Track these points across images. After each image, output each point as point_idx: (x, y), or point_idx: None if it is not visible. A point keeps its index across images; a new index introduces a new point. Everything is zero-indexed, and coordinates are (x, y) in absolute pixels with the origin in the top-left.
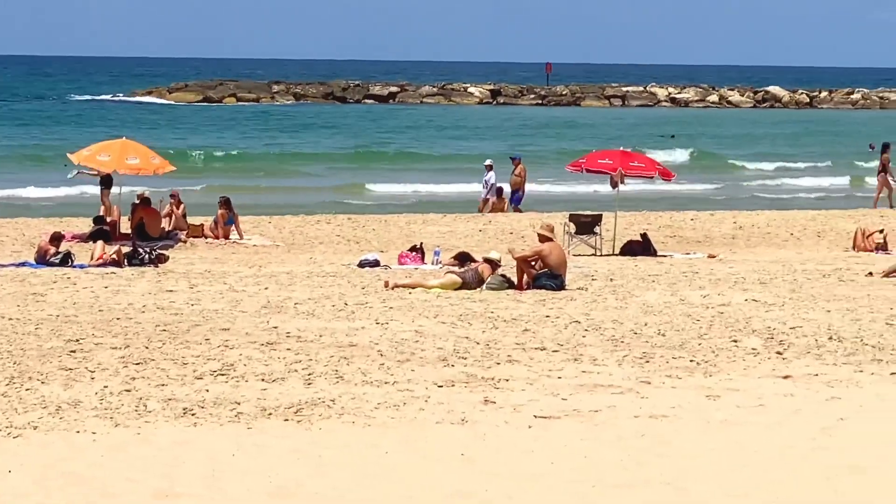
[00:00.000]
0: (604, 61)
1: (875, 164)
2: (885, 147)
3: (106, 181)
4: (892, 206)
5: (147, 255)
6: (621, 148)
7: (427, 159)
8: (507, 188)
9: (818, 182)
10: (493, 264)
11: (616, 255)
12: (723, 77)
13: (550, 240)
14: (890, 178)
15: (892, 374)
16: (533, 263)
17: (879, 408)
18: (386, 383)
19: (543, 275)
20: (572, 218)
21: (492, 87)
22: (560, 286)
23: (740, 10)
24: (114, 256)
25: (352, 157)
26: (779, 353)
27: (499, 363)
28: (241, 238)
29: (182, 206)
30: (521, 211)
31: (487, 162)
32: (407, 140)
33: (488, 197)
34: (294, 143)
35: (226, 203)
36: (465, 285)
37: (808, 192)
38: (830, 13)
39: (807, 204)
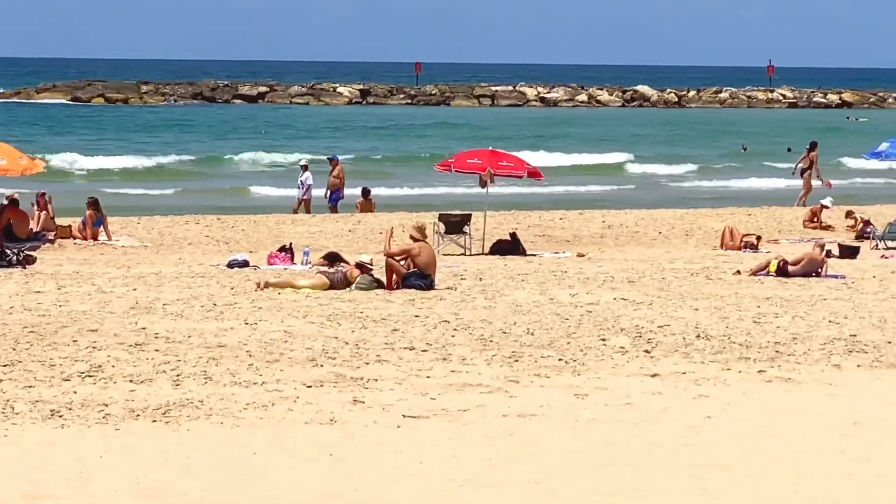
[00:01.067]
0: (473, 61)
1: (790, 165)
2: (813, 146)
3: None
4: (804, 205)
5: (15, 257)
6: (490, 148)
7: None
8: (347, 191)
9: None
10: (364, 268)
11: (485, 254)
12: (591, 76)
13: (421, 240)
14: (813, 179)
15: (760, 371)
16: (402, 262)
17: (746, 405)
18: (255, 384)
19: (413, 274)
20: (442, 218)
21: (361, 86)
22: (429, 286)
23: (608, 10)
24: None
25: (236, 162)
26: (647, 351)
27: (368, 363)
28: (110, 239)
29: (50, 206)
30: (337, 211)
31: (303, 162)
32: (285, 140)
33: (304, 197)
34: (168, 145)
35: (94, 204)
36: (332, 286)
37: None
38: (697, 12)
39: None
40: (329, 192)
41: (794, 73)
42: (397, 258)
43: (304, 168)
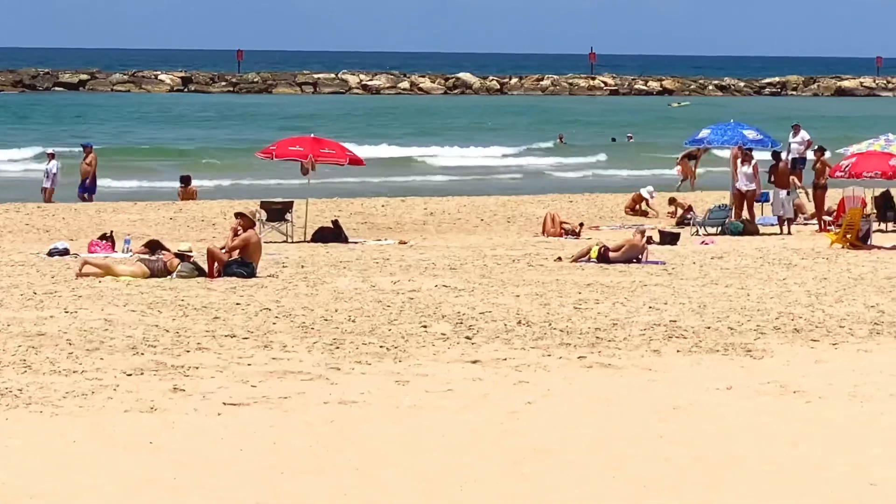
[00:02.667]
0: (296, 48)
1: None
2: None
3: None
4: (691, 189)
5: None
6: (312, 135)
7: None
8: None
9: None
10: (184, 256)
11: (308, 241)
12: (414, 63)
13: (251, 227)
14: (694, 166)
15: (580, 357)
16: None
17: (566, 391)
18: (74, 372)
19: (234, 262)
20: (264, 205)
21: (183, 74)
22: (251, 274)
23: None
24: None
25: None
26: (468, 337)
27: (188, 351)
28: None
29: None
30: (87, 200)
31: (49, 151)
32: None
33: (50, 186)
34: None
35: None
36: (153, 274)
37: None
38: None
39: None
40: (82, 179)
41: (616, 60)
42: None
43: (51, 157)
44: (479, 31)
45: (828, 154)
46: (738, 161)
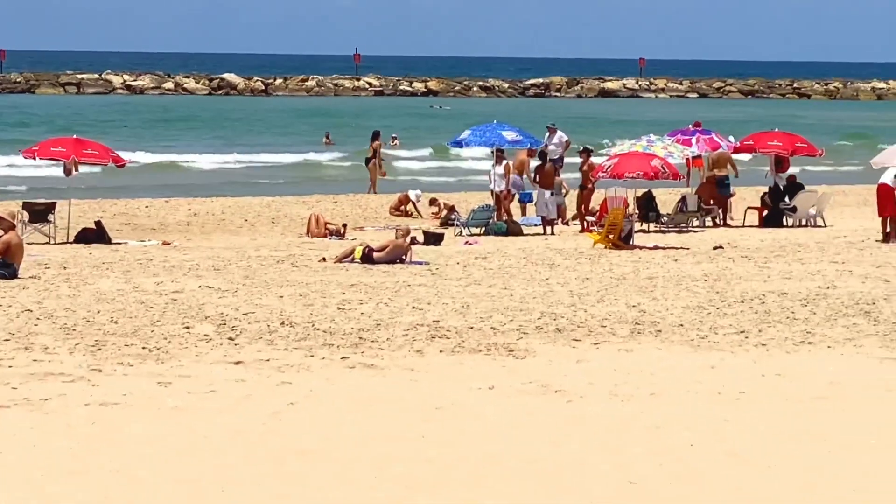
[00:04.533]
0: (60, 48)
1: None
2: (375, 135)
3: None
4: (374, 192)
5: None
6: (74, 136)
7: None
8: None
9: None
10: None
11: (70, 243)
12: (179, 64)
13: (12, 228)
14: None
15: (343, 358)
16: None
17: (329, 392)
18: None
19: None
20: (26, 206)
21: None
22: (13, 275)
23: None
24: None
25: None
26: (231, 338)
27: None
28: None
29: None
30: None
31: None
32: None
33: None
34: None
35: None
36: None
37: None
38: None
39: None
40: None
41: (380, 61)
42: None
43: None
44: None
45: (594, 158)
46: (493, 162)
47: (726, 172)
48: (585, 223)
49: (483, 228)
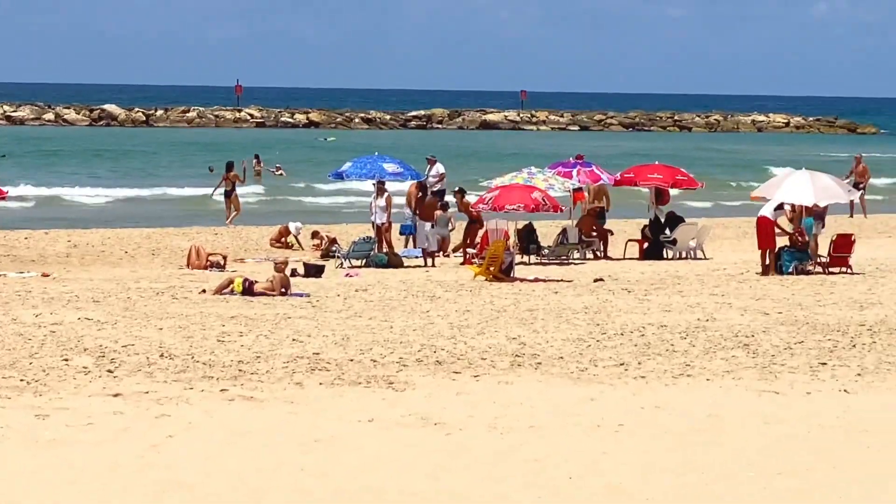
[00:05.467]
0: None
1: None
2: (229, 167)
3: None
4: (229, 224)
5: None
6: None
7: None
8: None
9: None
10: None
11: None
12: (58, 94)
13: None
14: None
15: (222, 390)
16: None
17: (208, 424)
18: None
19: None
20: None
21: None
22: None
23: (77, 29)
24: None
25: None
26: (110, 371)
27: None
28: None
29: None
30: None
31: None
32: None
33: None
34: None
35: None
36: None
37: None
38: (165, 32)
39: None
40: None
41: (262, 92)
42: None
43: None
44: (125, 63)
45: (469, 196)
46: (374, 194)
47: (604, 204)
48: (466, 255)
49: (364, 260)
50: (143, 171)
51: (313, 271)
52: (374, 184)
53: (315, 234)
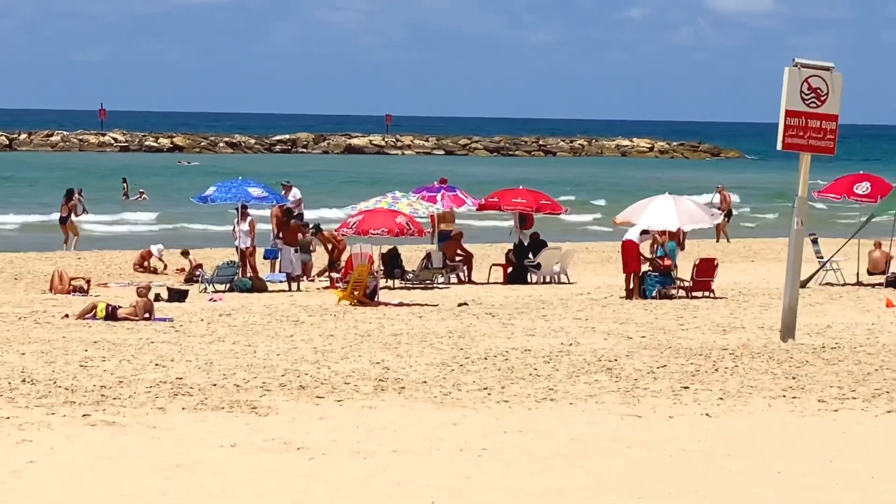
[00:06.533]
0: None
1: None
2: (69, 194)
3: None
4: (68, 248)
5: None
6: None
7: None
8: None
9: None
10: None
11: None
12: None
13: None
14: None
15: (84, 415)
16: None
17: (70, 450)
18: None
19: None
20: None
21: None
22: None
23: None
24: None
25: None
26: None
27: None
28: None
29: None
30: None
31: None
32: None
33: None
34: None
35: None
36: None
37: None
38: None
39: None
40: None
41: (126, 116)
42: None
43: None
44: None
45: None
46: (237, 219)
47: (452, 227)
48: (331, 279)
49: (228, 285)
50: (5, 196)
51: (177, 296)
52: (237, 208)
53: (185, 253)
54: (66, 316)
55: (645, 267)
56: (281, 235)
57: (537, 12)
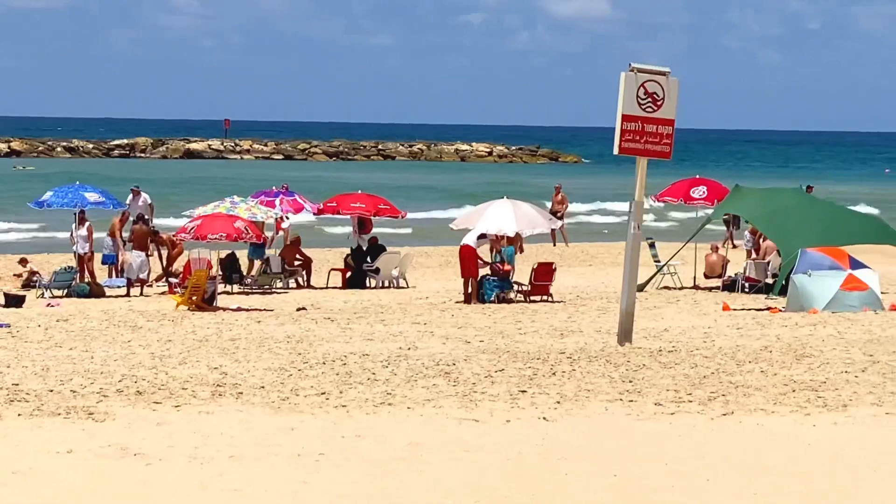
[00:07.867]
0: None
1: None
2: None
3: None
4: None
5: None
6: None
7: None
8: None
9: None
10: None
11: None
12: None
13: None
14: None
15: None
16: None
17: None
18: None
19: None
20: None
21: None
22: None
23: None
24: None
25: None
26: None
27: None
28: None
29: None
30: None
31: None
32: None
33: None
34: None
35: None
36: None
37: None
38: None
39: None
40: None
41: None
42: None
43: None
44: None
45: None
46: (74, 224)
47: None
48: (169, 284)
49: (66, 290)
50: None
51: (13, 301)
52: (75, 213)
53: (23, 261)
54: None
55: (484, 271)
56: (131, 240)
57: (375, 17)
